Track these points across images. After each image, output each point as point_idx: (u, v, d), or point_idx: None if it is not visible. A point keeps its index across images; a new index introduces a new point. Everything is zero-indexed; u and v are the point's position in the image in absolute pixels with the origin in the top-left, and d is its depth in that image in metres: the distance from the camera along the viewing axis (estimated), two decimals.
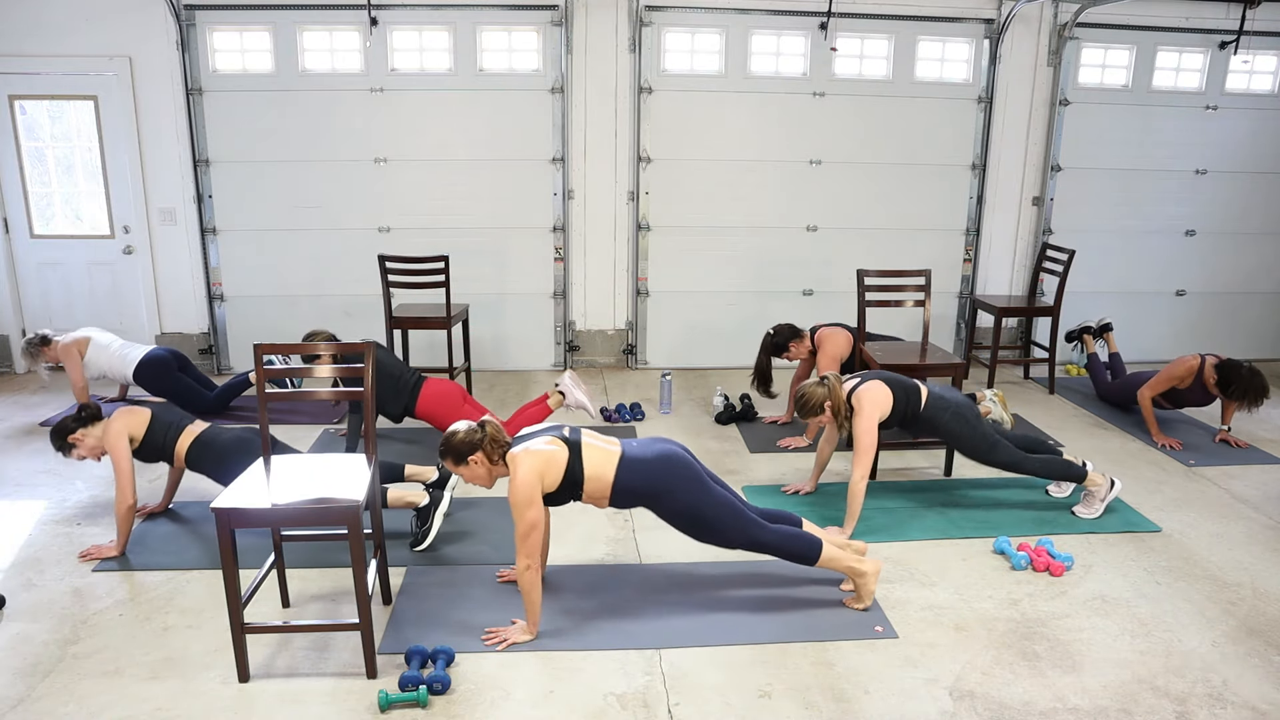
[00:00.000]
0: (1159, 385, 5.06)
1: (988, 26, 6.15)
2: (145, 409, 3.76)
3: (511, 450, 3.05)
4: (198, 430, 3.79)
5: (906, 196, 6.37)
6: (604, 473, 3.06)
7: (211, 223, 6.06)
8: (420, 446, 4.87)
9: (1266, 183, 6.65)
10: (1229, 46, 6.30)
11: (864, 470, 3.78)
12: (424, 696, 2.71)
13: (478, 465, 3.07)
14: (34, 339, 5.21)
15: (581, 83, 5.99)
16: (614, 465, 3.06)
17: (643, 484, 3.08)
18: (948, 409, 3.94)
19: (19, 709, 2.70)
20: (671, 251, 6.31)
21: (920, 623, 3.21)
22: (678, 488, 3.09)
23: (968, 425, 3.94)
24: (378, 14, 5.76)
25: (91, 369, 5.23)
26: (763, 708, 2.75)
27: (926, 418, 3.93)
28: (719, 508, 3.13)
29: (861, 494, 3.78)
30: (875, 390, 3.87)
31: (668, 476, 3.09)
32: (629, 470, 3.07)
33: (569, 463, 3.03)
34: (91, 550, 3.60)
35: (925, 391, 3.96)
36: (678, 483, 3.09)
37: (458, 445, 3.05)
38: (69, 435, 3.70)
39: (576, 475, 3.04)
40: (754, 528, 3.17)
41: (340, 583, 3.44)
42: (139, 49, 5.73)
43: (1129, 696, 2.82)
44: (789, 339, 5.07)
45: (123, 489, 3.56)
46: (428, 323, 5.36)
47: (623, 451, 3.11)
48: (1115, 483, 4.09)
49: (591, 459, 3.06)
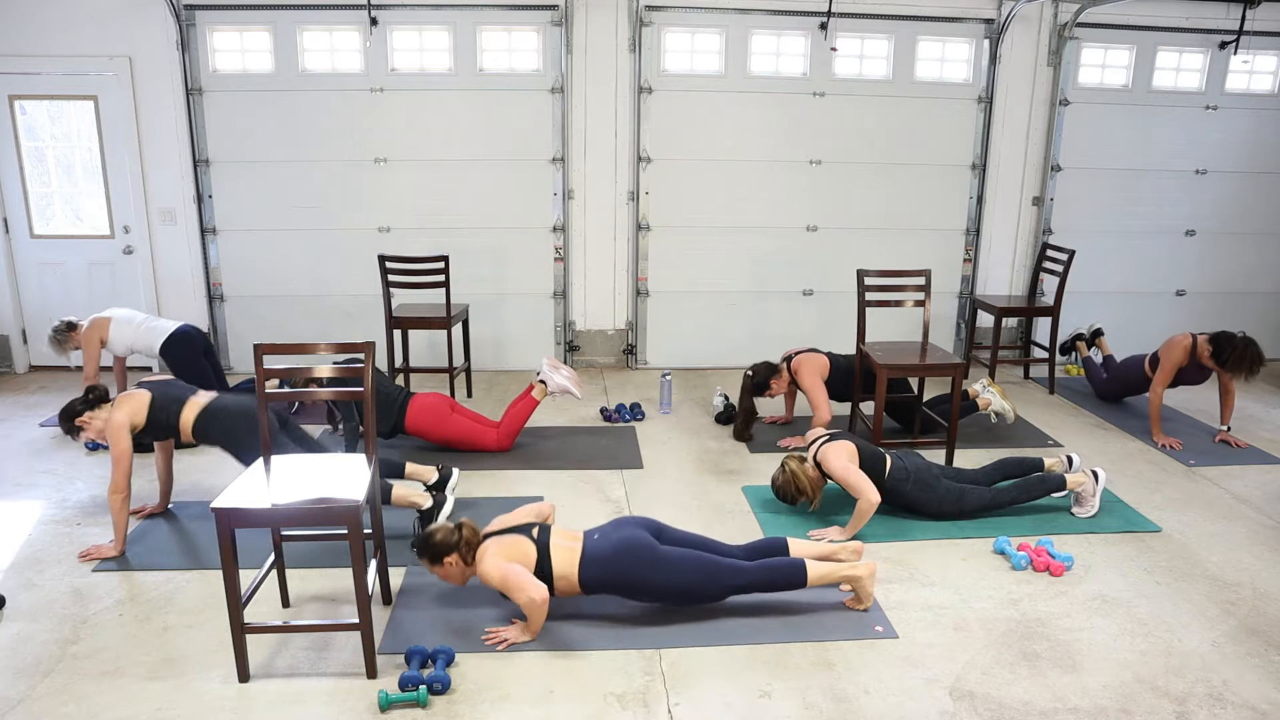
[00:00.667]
0: (1166, 377, 5.04)
1: (988, 26, 6.15)
2: (144, 391, 3.73)
3: (481, 546, 3.14)
4: (204, 401, 3.75)
5: (906, 196, 6.37)
6: (569, 570, 3.12)
7: (211, 223, 6.06)
8: (420, 449, 4.87)
9: (1266, 183, 6.65)
10: (1229, 46, 6.30)
11: (870, 500, 3.77)
12: (424, 696, 2.71)
13: (452, 566, 3.13)
14: (60, 326, 5.12)
15: (581, 83, 5.99)
16: (577, 562, 3.13)
17: (607, 576, 3.13)
18: (909, 479, 3.98)
19: (19, 709, 2.70)
20: (671, 251, 6.32)
21: (920, 623, 3.21)
22: (642, 574, 3.13)
23: (929, 490, 3.98)
24: (378, 14, 5.76)
25: (119, 346, 5.13)
26: (763, 708, 2.75)
27: (889, 488, 3.98)
28: (689, 574, 3.14)
29: (869, 515, 3.80)
30: (841, 448, 3.93)
31: (629, 565, 3.12)
32: (591, 566, 3.12)
33: (539, 560, 3.11)
34: (91, 550, 3.60)
35: (889, 461, 3.99)
36: (640, 569, 3.12)
37: (435, 546, 3.10)
38: (77, 418, 3.71)
39: (546, 572, 3.11)
40: (732, 576, 3.17)
41: (340, 583, 3.44)
42: (139, 49, 5.73)
43: (1129, 696, 2.82)
44: (768, 377, 4.98)
45: (116, 480, 3.54)
46: (428, 323, 5.36)
47: (584, 547, 3.17)
48: (1098, 474, 4.08)
49: (558, 559, 3.13)
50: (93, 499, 4.18)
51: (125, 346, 5.15)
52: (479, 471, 4.55)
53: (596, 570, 3.12)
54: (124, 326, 5.12)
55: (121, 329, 5.11)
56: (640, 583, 3.13)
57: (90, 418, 3.72)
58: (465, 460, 4.68)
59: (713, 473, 4.56)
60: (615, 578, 3.13)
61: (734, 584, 3.17)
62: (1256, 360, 4.76)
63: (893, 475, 3.97)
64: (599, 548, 3.15)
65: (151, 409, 3.69)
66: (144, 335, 5.12)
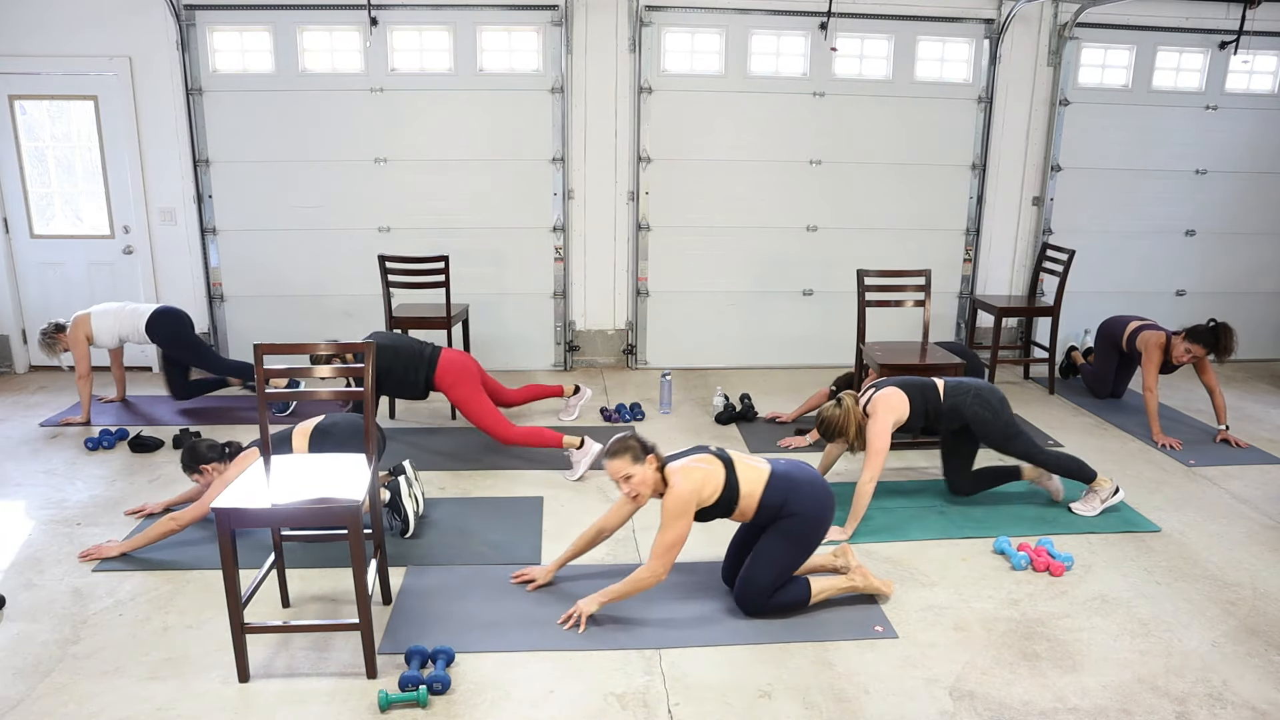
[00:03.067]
0: (1153, 374, 5.11)
1: (988, 26, 6.15)
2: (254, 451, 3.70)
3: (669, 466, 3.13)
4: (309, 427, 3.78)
5: (906, 196, 6.37)
6: (755, 490, 3.14)
7: (211, 223, 6.06)
8: (419, 450, 4.88)
9: (1266, 183, 6.65)
10: (1229, 46, 6.30)
11: (873, 472, 3.81)
12: (424, 696, 2.71)
13: (651, 469, 3.09)
14: (47, 329, 5.15)
15: (581, 83, 5.99)
16: (764, 480, 3.14)
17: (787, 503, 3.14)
18: (968, 392, 3.99)
19: (19, 709, 2.70)
20: (671, 251, 6.32)
21: (920, 623, 3.21)
22: (802, 516, 3.15)
23: (990, 409, 3.98)
24: (378, 14, 5.76)
25: (106, 337, 5.13)
26: (763, 708, 2.75)
27: (950, 407, 3.97)
28: (797, 557, 3.20)
29: (868, 495, 3.81)
30: (890, 396, 3.93)
31: (807, 501, 3.15)
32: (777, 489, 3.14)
33: (726, 478, 3.12)
34: (92, 551, 3.60)
35: (941, 384, 4.00)
36: (806, 510, 3.15)
37: (638, 444, 3.10)
38: (204, 464, 3.74)
39: (734, 489, 3.12)
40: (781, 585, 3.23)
41: (340, 583, 3.44)
42: (139, 49, 5.73)
43: (1129, 696, 2.82)
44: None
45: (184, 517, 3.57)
46: (428, 323, 5.36)
47: (772, 469, 3.19)
48: (1119, 490, 4.11)
49: (745, 476, 3.14)
50: (93, 499, 4.18)
51: (113, 336, 5.16)
52: (478, 471, 4.55)
53: (780, 494, 3.13)
54: (105, 318, 5.14)
55: (103, 320, 5.13)
56: (796, 524, 3.14)
57: (213, 469, 3.74)
58: (465, 461, 4.68)
59: None
60: (790, 506, 3.13)
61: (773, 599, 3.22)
62: (1230, 341, 4.92)
63: (949, 393, 3.98)
64: (787, 471, 3.19)
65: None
66: (127, 319, 5.15)
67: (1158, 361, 5.09)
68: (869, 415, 3.92)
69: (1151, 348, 5.11)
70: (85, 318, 5.13)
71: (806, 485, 3.18)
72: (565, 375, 6.33)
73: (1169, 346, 5.10)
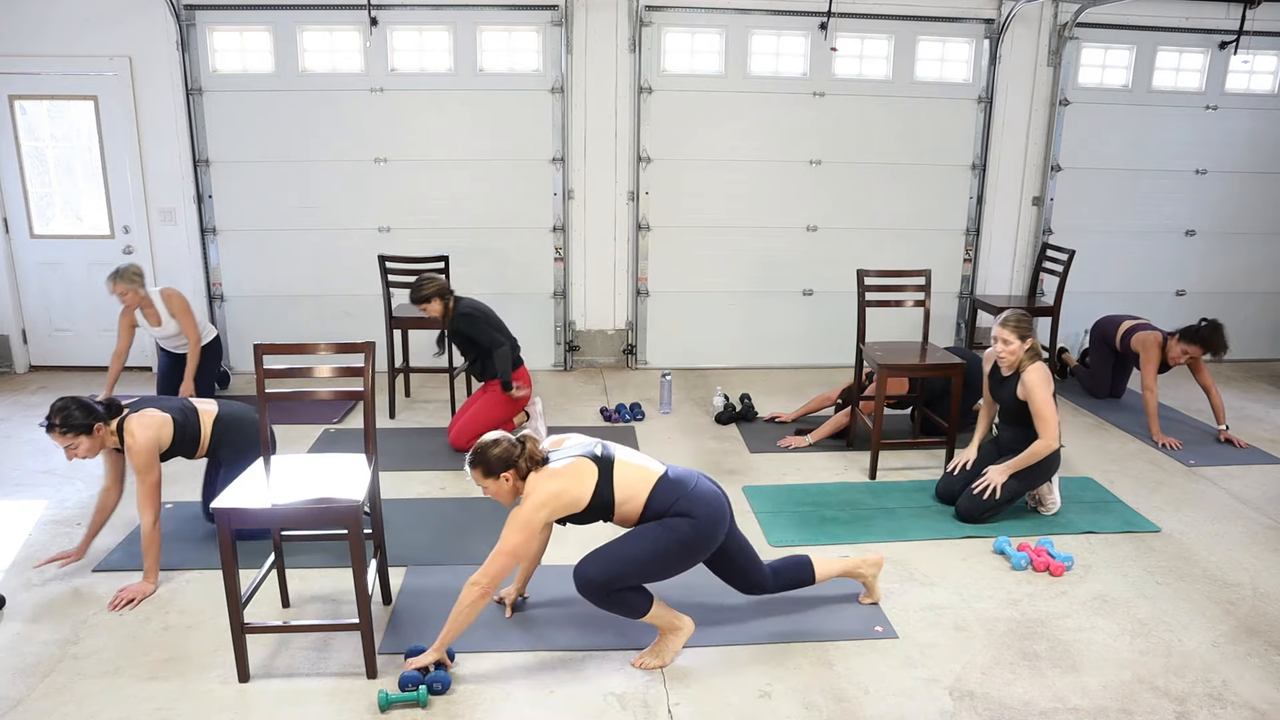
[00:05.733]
0: (1152, 374, 5.11)
1: (988, 26, 6.15)
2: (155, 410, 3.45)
3: (543, 468, 2.88)
4: (213, 409, 3.62)
5: (906, 196, 6.37)
6: (638, 493, 2.88)
7: (211, 223, 6.06)
8: (419, 450, 4.87)
9: (1266, 183, 6.65)
10: (1229, 46, 6.30)
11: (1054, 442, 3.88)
12: (424, 696, 2.71)
13: (506, 482, 2.85)
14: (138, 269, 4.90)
15: (581, 83, 5.99)
16: (651, 484, 2.89)
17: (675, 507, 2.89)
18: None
19: (19, 709, 2.70)
20: (671, 251, 6.32)
21: (920, 623, 3.21)
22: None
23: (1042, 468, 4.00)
24: (378, 14, 5.76)
25: (183, 325, 5.04)
26: (763, 708, 2.75)
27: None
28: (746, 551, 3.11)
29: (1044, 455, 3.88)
30: (1046, 372, 3.98)
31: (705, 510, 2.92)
32: (663, 495, 2.89)
33: (599, 482, 2.85)
34: (124, 595, 3.29)
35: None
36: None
37: (494, 459, 2.83)
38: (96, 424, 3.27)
39: (607, 496, 2.86)
40: (766, 576, 3.15)
41: (340, 583, 3.44)
42: (139, 49, 5.73)
43: (1129, 696, 2.82)
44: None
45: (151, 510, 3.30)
46: (428, 323, 5.35)
47: (663, 473, 2.95)
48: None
49: (626, 479, 2.88)
50: (93, 499, 4.18)
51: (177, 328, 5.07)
52: None
53: (668, 498, 2.86)
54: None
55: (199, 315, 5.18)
56: (683, 524, 2.88)
57: (102, 431, 3.27)
58: (464, 461, 4.67)
59: (713, 473, 4.56)
60: (680, 507, 2.88)
61: (765, 584, 3.15)
62: (1223, 342, 4.94)
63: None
64: (682, 476, 2.94)
65: (175, 426, 3.43)
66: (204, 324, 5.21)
67: (1156, 360, 5.10)
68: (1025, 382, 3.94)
69: (1150, 347, 5.13)
70: (179, 293, 5.02)
71: (704, 493, 2.91)
72: (565, 375, 6.33)
73: (1166, 346, 5.11)
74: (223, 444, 3.61)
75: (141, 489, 3.27)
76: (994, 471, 3.91)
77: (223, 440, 3.60)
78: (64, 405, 3.23)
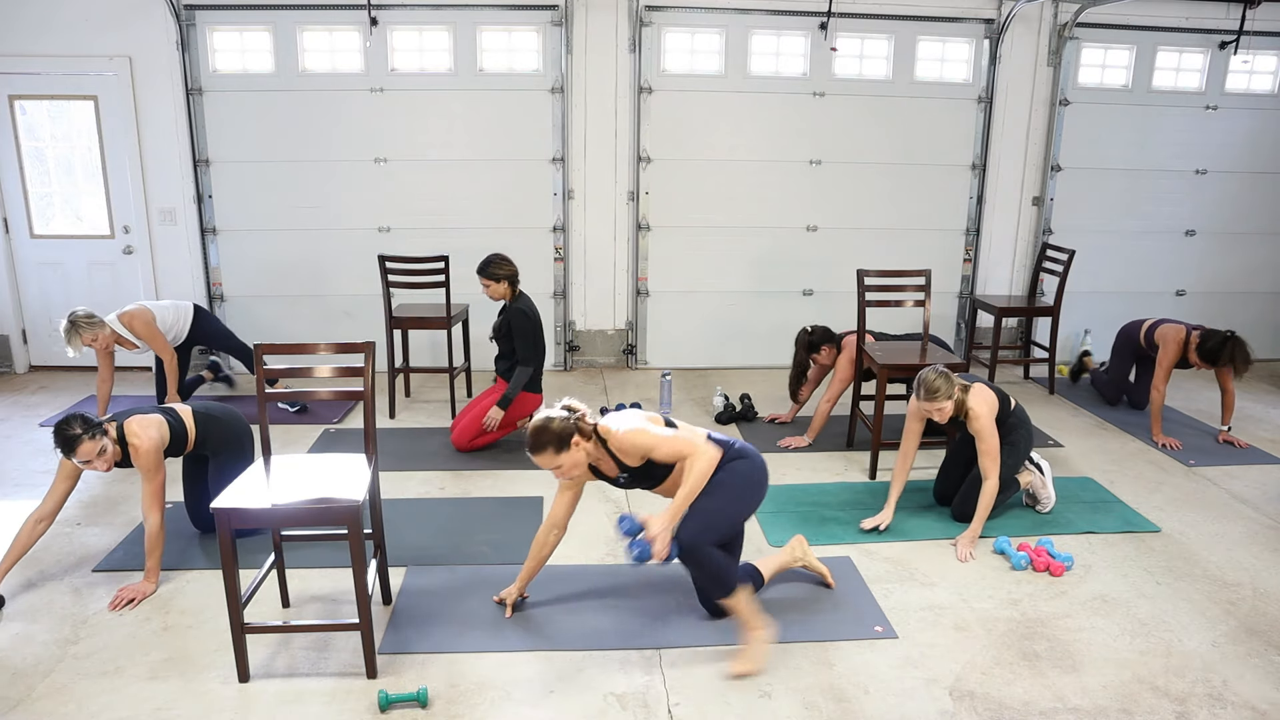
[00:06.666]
0: (1165, 375, 5.03)
1: (988, 26, 6.15)
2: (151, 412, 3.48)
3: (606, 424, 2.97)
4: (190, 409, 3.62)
5: (906, 196, 6.37)
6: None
7: (211, 223, 6.06)
8: (419, 450, 4.88)
9: (1266, 183, 6.65)
10: (1229, 46, 6.30)
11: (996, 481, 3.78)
12: (424, 696, 2.71)
13: (578, 448, 2.87)
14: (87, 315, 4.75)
15: (581, 83, 5.99)
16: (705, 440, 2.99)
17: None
18: (1021, 425, 3.98)
19: (19, 709, 2.70)
20: (671, 251, 6.32)
21: (920, 623, 3.21)
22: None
23: (1016, 453, 3.96)
24: (378, 14, 5.76)
25: (173, 333, 5.05)
26: (763, 708, 2.75)
27: (1007, 429, 3.93)
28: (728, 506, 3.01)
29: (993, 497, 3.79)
30: (986, 394, 3.88)
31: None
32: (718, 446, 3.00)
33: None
34: (124, 595, 3.29)
35: (1013, 402, 4.01)
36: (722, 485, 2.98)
37: (558, 432, 2.83)
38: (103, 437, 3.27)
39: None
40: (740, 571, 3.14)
41: (340, 583, 3.44)
42: (139, 49, 5.73)
43: (1129, 696, 2.82)
44: (823, 342, 5.07)
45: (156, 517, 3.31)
46: (428, 323, 5.35)
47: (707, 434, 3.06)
48: (1041, 465, 4.15)
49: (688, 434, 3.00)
50: (93, 499, 4.18)
51: (173, 331, 5.09)
52: (478, 471, 4.56)
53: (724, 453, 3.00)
54: (165, 311, 5.05)
55: (164, 313, 5.05)
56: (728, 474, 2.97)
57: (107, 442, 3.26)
58: (465, 461, 4.69)
59: None
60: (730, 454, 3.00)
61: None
62: (1245, 359, 4.78)
63: (1015, 414, 3.98)
64: (716, 437, 3.06)
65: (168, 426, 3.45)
66: (181, 316, 5.13)
67: (1174, 357, 4.97)
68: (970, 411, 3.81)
69: (1170, 342, 5.00)
70: (146, 310, 4.91)
71: (745, 444, 3.09)
72: (565, 375, 6.33)
73: (1188, 344, 4.98)
74: (210, 436, 3.62)
75: (148, 490, 3.28)
76: (963, 543, 3.76)
77: (209, 432, 3.61)
78: (73, 417, 3.22)
